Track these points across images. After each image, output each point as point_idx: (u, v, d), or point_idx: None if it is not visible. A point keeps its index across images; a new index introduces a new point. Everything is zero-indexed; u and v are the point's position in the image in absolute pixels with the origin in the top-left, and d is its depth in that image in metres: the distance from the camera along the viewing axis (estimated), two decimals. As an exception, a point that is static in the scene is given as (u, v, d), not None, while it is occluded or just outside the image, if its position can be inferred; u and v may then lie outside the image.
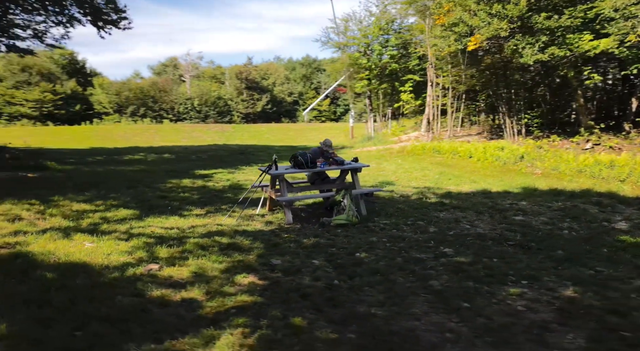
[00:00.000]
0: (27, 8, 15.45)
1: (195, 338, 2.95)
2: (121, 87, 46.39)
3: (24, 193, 7.24)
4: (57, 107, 43.14)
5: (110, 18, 14.98)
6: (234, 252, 4.88)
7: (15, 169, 9.90)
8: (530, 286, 4.25)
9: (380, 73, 25.49)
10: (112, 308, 3.18)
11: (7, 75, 44.49)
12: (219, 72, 58.20)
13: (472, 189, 9.29)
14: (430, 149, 16.23)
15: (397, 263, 4.79)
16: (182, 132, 32.66)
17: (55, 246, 4.49)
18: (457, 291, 4.10)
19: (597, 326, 3.47)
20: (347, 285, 4.16)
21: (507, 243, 5.60)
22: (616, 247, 5.41)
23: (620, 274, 4.55)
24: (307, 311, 3.55)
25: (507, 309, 3.77)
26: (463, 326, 3.45)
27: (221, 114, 49.06)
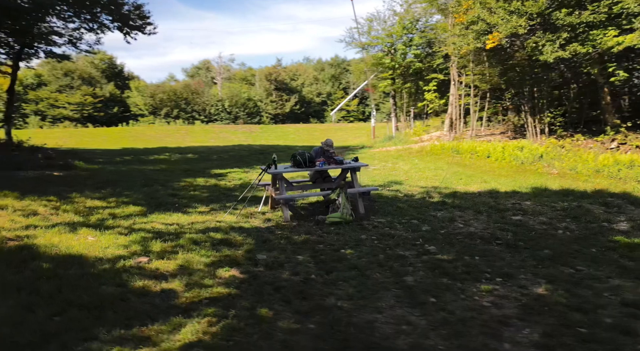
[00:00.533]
0: (62, 16, 16.43)
1: (163, 325, 3.21)
2: (156, 90, 48.11)
3: (46, 190, 7.83)
4: (97, 109, 45.25)
5: (136, 24, 15.72)
6: (224, 247, 5.15)
7: (45, 168, 10.62)
8: (504, 284, 4.32)
9: (404, 72, 25.37)
10: (93, 297, 3.50)
11: (52, 79, 47.07)
12: (250, 74, 59.32)
13: (480, 189, 9.24)
14: (449, 149, 16.08)
15: (378, 260, 4.94)
16: (211, 133, 33.57)
17: (59, 240, 4.91)
18: (428, 286, 4.22)
19: (556, 322, 3.52)
20: (323, 280, 4.34)
21: (496, 242, 5.63)
22: (606, 247, 5.35)
23: (600, 274, 4.53)
24: (277, 303, 3.76)
25: (472, 304, 3.86)
26: (423, 319, 3.58)
27: (250, 115, 49.99)
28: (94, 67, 50.47)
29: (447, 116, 21.24)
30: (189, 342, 2.96)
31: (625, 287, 4.21)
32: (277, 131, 36.81)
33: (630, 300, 3.91)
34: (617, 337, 3.30)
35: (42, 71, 48.28)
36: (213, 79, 58.10)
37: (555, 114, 15.96)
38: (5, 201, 6.50)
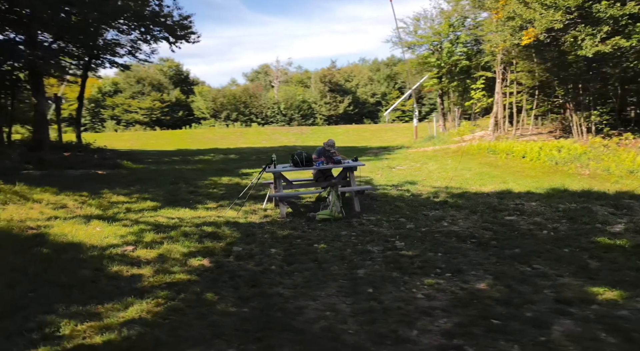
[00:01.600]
0: (120, 29, 18.18)
1: (117, 304, 3.72)
2: (217, 94, 50.76)
3: (83, 186, 8.94)
4: (164, 113, 48.69)
5: (180, 34, 17.02)
6: (208, 240, 5.70)
7: (94, 168, 11.96)
8: (450, 278, 4.47)
9: (450, 71, 24.84)
10: (70, 278, 4.15)
11: (126, 87, 51.36)
12: (306, 77, 60.56)
13: (493, 190, 9.10)
14: (485, 149, 15.67)
15: (343, 254, 5.24)
16: (264, 134, 34.92)
17: (70, 230, 5.74)
18: (374, 279, 4.48)
19: (475, 314, 3.67)
20: (281, 270, 4.74)
21: (470, 241, 5.70)
22: (581, 248, 5.26)
23: (553, 272, 4.54)
24: (225, 290, 4.19)
25: (405, 296, 4.08)
26: (350, 307, 3.87)
27: (305, 116, 51.09)
28: (162, 74, 54.27)
29: (492, 115, 20.54)
30: (130, 319, 3.46)
31: (571, 285, 4.21)
32: (327, 132, 37.38)
33: (565, 297, 3.94)
34: (527, 329, 3.39)
35: (118, 79, 52.84)
36: (271, 83, 60.06)
37: (601, 112, 14.97)
38: (43, 196, 7.59)
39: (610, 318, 3.56)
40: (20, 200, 7.11)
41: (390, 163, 14.46)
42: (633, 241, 5.42)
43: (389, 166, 13.53)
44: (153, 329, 3.27)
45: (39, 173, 9.72)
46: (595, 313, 3.65)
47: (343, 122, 50.87)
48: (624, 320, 3.53)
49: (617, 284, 4.19)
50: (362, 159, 16.07)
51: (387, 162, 14.88)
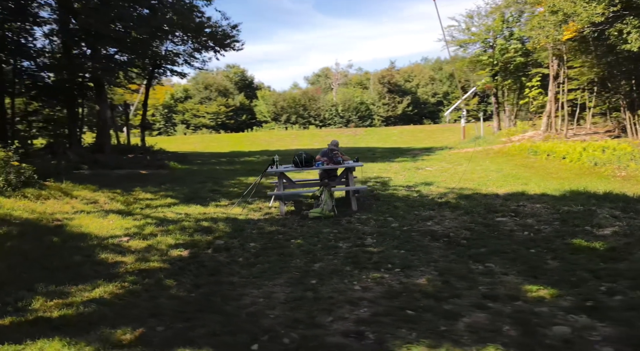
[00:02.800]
0: (175, 41, 19.79)
1: (87, 285, 4.32)
2: (278, 98, 52.56)
3: (121, 184, 10.06)
4: (228, 117, 51.38)
5: (226, 42, 18.18)
6: (200, 233, 6.29)
7: (141, 168, 13.26)
8: (397, 273, 4.68)
9: (504, 68, 23.79)
10: (61, 262, 4.88)
11: (195, 93, 54.89)
12: (365, 78, 60.62)
13: (508, 191, 8.90)
14: (526, 149, 15.00)
15: (313, 249, 5.59)
16: (317, 136, 35.67)
17: (87, 222, 6.64)
18: (325, 272, 4.80)
19: (397, 305, 3.90)
20: (245, 262, 5.19)
21: (443, 240, 5.80)
22: (550, 249, 5.20)
23: (502, 271, 4.61)
24: (186, 277, 4.67)
25: (344, 287, 4.36)
26: (285, 295, 4.22)
27: (362, 118, 51.24)
28: (228, 80, 57.28)
29: (544, 113, 19.46)
30: (92, 298, 4.04)
31: (509, 283, 4.28)
32: (381, 133, 37.34)
33: (495, 293, 4.04)
34: (436, 320, 3.57)
35: (189, 85, 56.62)
36: (330, 85, 60.91)
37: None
38: (82, 192, 8.73)
39: (526, 313, 3.63)
40: (61, 196, 8.27)
41: (421, 164, 14.38)
42: (610, 243, 5.21)
43: (417, 168, 13.48)
44: (105, 307, 3.85)
45: (89, 173, 11.07)
46: (514, 309, 3.73)
47: (402, 123, 50.33)
48: (537, 315, 3.58)
49: (558, 283, 4.17)
50: (398, 160, 16.15)
51: (419, 163, 14.80)
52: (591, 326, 3.39)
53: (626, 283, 4.12)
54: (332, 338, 3.37)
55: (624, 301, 3.77)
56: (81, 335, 3.28)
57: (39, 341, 3.14)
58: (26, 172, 8.40)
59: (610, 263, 4.67)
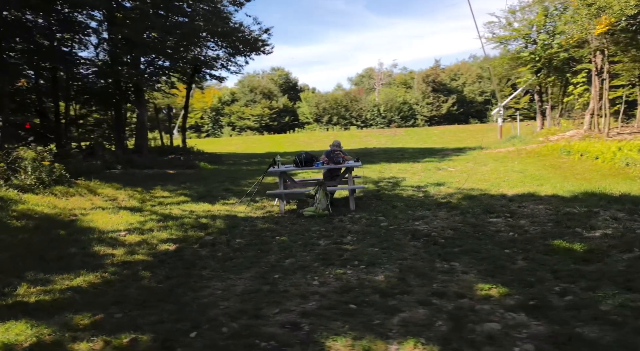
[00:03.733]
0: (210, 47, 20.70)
1: (71, 275, 4.71)
2: (320, 99, 53.07)
3: (145, 183, 10.75)
4: (272, 119, 52.57)
5: (256, 46, 18.77)
6: (195, 229, 6.66)
7: (172, 168, 14.04)
8: (361, 269, 4.79)
9: (547, 64, 22.69)
10: (57, 253, 5.32)
11: (241, 96, 56.65)
12: (409, 78, 59.79)
13: (518, 192, 8.66)
14: (559, 149, 14.30)
15: (291, 246, 5.77)
16: (355, 137, 35.68)
17: (99, 217, 7.22)
18: (292, 267, 4.96)
19: (344, 300, 4.00)
20: (223, 257, 5.40)
21: (423, 238, 5.81)
22: (524, 249, 5.13)
23: (464, 269, 4.63)
24: (163, 269, 4.95)
25: (303, 282, 4.51)
26: (244, 288, 4.39)
27: (405, 118, 50.59)
28: (273, 83, 58.59)
29: (587, 111, 18.38)
30: (70, 286, 4.43)
31: (465, 281, 4.30)
32: (421, 133, 36.69)
33: (445, 291, 4.08)
34: (374, 314, 3.68)
35: (235, 89, 58.50)
36: (373, 85, 60.63)
37: None
38: (105, 190, 9.47)
39: (465, 310, 3.66)
40: (86, 193, 9.02)
41: (444, 165, 14.12)
42: (592, 246, 5.01)
43: (438, 168, 13.27)
44: (78, 295, 4.24)
45: (120, 172, 11.92)
46: (456, 306, 3.76)
47: (446, 122, 49.18)
48: (475, 312, 3.61)
49: (513, 283, 4.14)
50: (424, 160, 15.93)
51: (443, 163, 14.53)
52: (524, 324, 3.37)
53: (584, 284, 4.00)
54: (269, 328, 3.55)
55: (571, 301, 3.69)
56: (46, 319, 3.67)
57: (8, 322, 3.54)
58: (57, 172, 9.24)
59: (581, 264, 4.52)
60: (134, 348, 3.23)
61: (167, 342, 3.31)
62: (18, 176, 8.57)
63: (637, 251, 4.80)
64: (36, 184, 8.67)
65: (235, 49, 20.01)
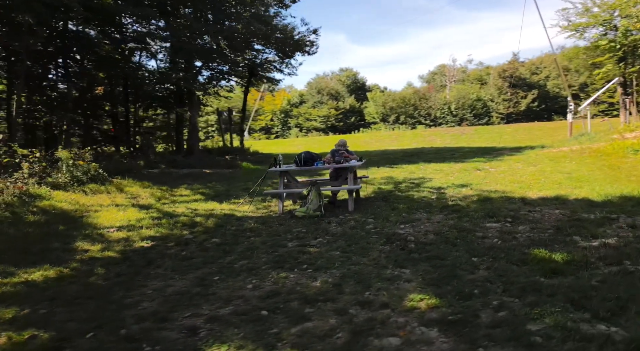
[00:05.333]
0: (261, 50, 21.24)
1: (36, 268, 4.98)
2: (387, 99, 52.13)
3: (173, 182, 11.28)
4: (338, 120, 52.69)
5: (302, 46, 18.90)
6: (183, 228, 6.81)
7: (213, 167, 14.60)
8: (307, 273, 4.59)
9: (630, 53, 20.03)
10: (41, 247, 5.67)
11: (309, 97, 57.56)
12: (485, 73, 56.45)
13: (546, 195, 7.77)
14: (626, 148, 12.50)
15: (258, 247, 5.63)
16: (418, 137, 34.50)
17: (106, 214, 7.63)
18: (242, 269, 4.85)
19: (262, 305, 3.86)
20: (183, 256, 5.41)
21: (396, 243, 5.40)
22: (496, 258, 4.55)
23: (411, 277, 4.26)
24: (119, 267, 5.06)
25: (238, 285, 4.36)
26: (176, 289, 4.36)
27: (478, 116, 47.88)
28: (341, 84, 58.75)
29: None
30: (26, 280, 4.67)
31: (401, 290, 3.96)
32: (491, 132, 34.42)
33: (372, 299, 3.78)
34: (280, 321, 3.52)
35: (304, 91, 59.58)
36: (446, 82, 58.19)
37: None
38: (132, 188, 10.07)
39: (376, 322, 3.40)
40: (114, 191, 9.68)
41: (488, 165, 13.05)
42: (577, 257, 4.30)
43: (478, 168, 12.29)
44: (27, 288, 4.49)
45: (158, 171, 12.65)
46: (370, 317, 3.49)
47: (525, 119, 45.68)
48: (384, 325, 3.34)
49: (451, 294, 3.77)
50: (471, 160, 14.91)
51: (488, 164, 13.44)
52: (428, 341, 3.03)
53: (531, 299, 3.49)
54: (166, 332, 3.49)
55: (501, 318, 3.26)
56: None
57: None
58: (91, 170, 10.03)
59: (547, 276, 3.92)
60: (29, 345, 3.34)
61: (61, 341, 3.37)
62: (54, 174, 9.42)
63: (628, 264, 4.02)
64: (71, 182, 9.47)
65: (279, 50, 20.33)
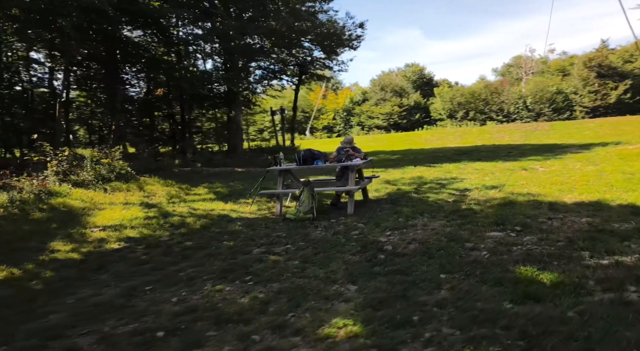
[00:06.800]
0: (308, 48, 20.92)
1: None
2: (455, 94, 49.39)
3: (197, 180, 11.24)
4: (401, 117, 51.00)
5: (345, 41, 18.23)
6: (171, 228, 6.61)
7: (247, 166, 14.50)
8: (243, 286, 4.12)
9: None
10: (19, 244, 5.73)
11: (372, 95, 56.41)
12: (569, 64, 51.40)
13: (585, 200, 6.53)
14: None
15: (221, 253, 5.23)
16: (486, 134, 32.08)
17: (107, 212, 7.53)
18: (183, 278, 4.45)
19: (166, 325, 3.41)
20: (141, 261, 5.17)
21: (369, 252, 4.71)
22: (468, 275, 3.78)
23: (354, 295, 3.64)
24: (69, 271, 4.92)
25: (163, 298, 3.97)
26: (97, 299, 4.07)
27: (557, 110, 43.64)
28: (405, 80, 56.88)
29: None
30: (9, 277, 4.76)
31: (329, 313, 3.38)
32: (570, 127, 30.97)
33: (291, 323, 3.21)
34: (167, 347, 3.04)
35: (367, 89, 58.64)
36: (522, 75, 53.94)
37: None
38: (152, 186, 10.15)
39: None
40: (134, 189, 9.81)
41: (540, 164, 11.51)
42: (571, 278, 3.34)
43: (524, 168, 10.84)
44: None
45: (188, 170, 12.78)
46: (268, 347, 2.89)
47: (616, 113, 40.73)
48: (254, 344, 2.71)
49: (381, 320, 3.17)
50: (524, 159, 13.40)
51: (541, 163, 11.85)
52: None
53: (476, 332, 2.83)
54: (63, 342, 3.20)
55: None
56: None
57: None
58: (116, 169, 10.29)
59: (519, 304, 3.10)
60: None
61: None
62: (79, 172, 9.76)
63: (631, 290, 3.04)
64: (95, 179, 9.76)
65: (321, 46, 19.82)
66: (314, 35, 18.11)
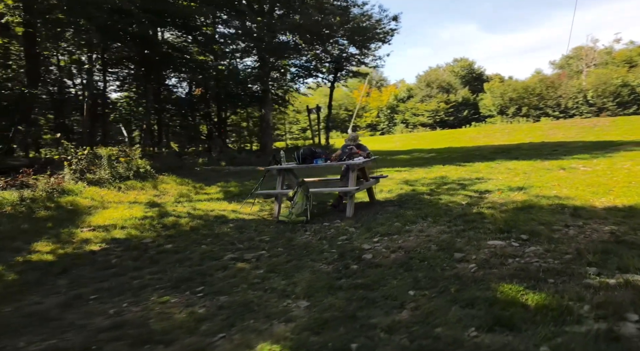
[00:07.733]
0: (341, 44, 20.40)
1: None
2: (506, 89, 46.83)
3: (214, 179, 11.11)
4: (448, 114, 49.13)
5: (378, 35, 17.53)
6: (162, 229, 6.40)
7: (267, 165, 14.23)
8: (192, 298, 3.76)
9: None
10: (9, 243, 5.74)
11: (417, 91, 54.79)
12: (636, 54, 47.17)
13: (620, 204, 5.58)
14: None
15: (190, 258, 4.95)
16: (537, 130, 30.00)
17: (108, 211, 7.49)
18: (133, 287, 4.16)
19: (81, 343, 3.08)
20: (110, 264, 4.97)
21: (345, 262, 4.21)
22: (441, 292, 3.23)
23: (290, 310, 3.17)
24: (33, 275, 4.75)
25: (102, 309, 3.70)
26: (36, 308, 3.85)
27: (623, 104, 40.12)
28: (453, 75, 54.73)
29: None
30: None
31: (267, 335, 2.92)
32: (633, 123, 28.18)
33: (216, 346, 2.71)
34: None
35: (412, 85, 57.08)
36: (584, 67, 50.17)
37: None
38: (167, 185, 10.08)
39: None
40: (148, 187, 9.80)
41: (583, 163, 10.32)
42: (561, 301, 2.70)
43: (564, 167, 9.74)
44: None
45: (208, 168, 12.70)
46: None
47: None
48: None
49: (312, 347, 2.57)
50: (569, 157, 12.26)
51: (586, 162, 10.63)
52: None
53: None
54: None
55: None
56: None
57: None
58: (133, 167, 10.35)
59: (484, 331, 2.56)
60: None
61: None
62: (96, 171, 9.88)
63: (630, 320, 2.36)
64: (112, 178, 9.84)
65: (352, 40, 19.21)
66: (343, 30, 17.55)
